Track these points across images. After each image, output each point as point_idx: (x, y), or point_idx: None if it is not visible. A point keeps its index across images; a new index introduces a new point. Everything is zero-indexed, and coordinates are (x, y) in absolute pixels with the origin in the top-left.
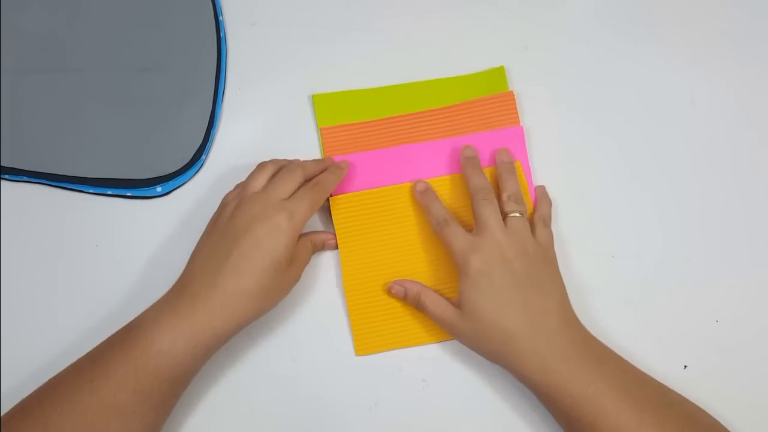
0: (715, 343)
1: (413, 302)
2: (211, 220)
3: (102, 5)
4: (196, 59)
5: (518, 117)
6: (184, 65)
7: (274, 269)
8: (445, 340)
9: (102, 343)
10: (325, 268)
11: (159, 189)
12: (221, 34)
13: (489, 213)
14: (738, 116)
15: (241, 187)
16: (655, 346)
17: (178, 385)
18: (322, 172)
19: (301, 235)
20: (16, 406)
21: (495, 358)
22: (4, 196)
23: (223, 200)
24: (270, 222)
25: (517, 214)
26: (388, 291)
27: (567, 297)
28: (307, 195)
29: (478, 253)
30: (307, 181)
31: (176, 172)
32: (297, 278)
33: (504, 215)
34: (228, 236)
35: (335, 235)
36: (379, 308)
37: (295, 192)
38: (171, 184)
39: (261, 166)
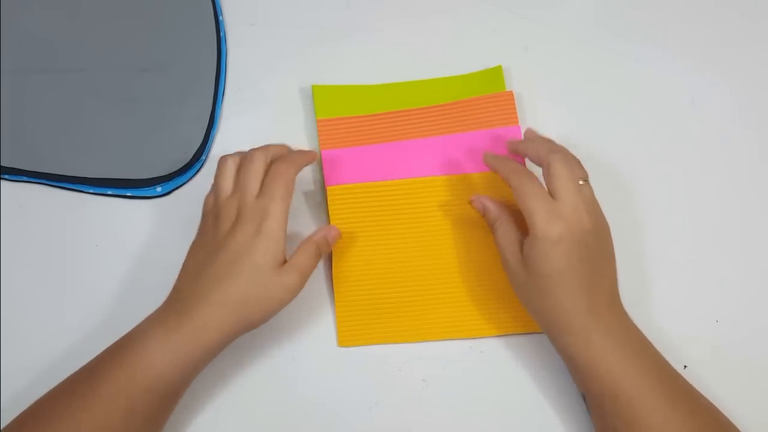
0: (715, 343)
1: (489, 223)
2: (198, 231)
3: (102, 5)
4: (196, 59)
5: (517, 117)
6: (184, 65)
7: (256, 275)
8: (434, 341)
9: (96, 357)
10: (326, 268)
11: (159, 189)
12: (221, 34)
13: (567, 176)
14: (738, 117)
15: (214, 192)
16: (655, 346)
17: (170, 399)
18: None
19: (304, 241)
20: (14, 420)
21: (539, 319)
22: (4, 196)
23: (204, 206)
24: (247, 227)
25: (582, 182)
26: (470, 202)
27: (616, 275)
28: (276, 187)
29: (561, 220)
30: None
31: (176, 172)
32: (297, 285)
33: None
34: (210, 247)
35: (333, 226)
36: (368, 301)
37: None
38: (171, 184)
39: (222, 163)
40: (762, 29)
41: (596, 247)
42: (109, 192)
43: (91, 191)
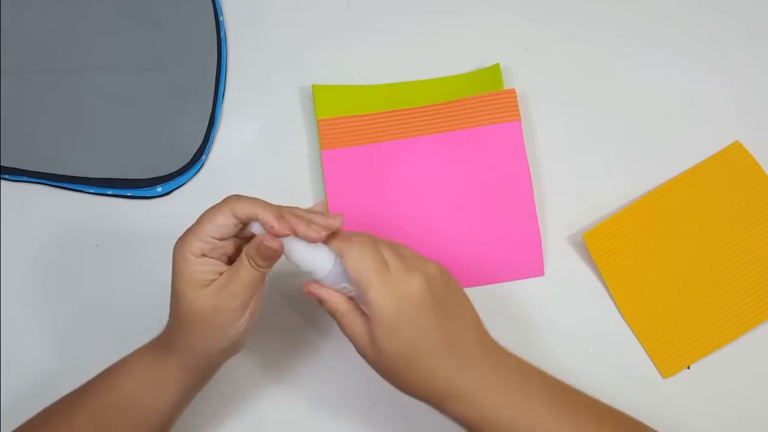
0: None
1: (330, 314)
2: None
3: (102, 5)
4: (196, 60)
5: (519, 114)
6: (185, 66)
7: (175, 291)
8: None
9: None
10: None
11: (159, 189)
12: (221, 35)
13: (368, 258)
14: (737, 116)
15: None
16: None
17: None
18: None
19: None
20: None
21: (415, 395)
22: (4, 196)
23: None
24: None
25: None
26: (305, 293)
27: (475, 312)
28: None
29: (394, 293)
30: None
31: (177, 172)
32: (226, 301)
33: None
34: None
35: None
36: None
37: None
38: (171, 184)
39: None
40: (762, 30)
41: (443, 297)
42: (110, 192)
43: (91, 191)
